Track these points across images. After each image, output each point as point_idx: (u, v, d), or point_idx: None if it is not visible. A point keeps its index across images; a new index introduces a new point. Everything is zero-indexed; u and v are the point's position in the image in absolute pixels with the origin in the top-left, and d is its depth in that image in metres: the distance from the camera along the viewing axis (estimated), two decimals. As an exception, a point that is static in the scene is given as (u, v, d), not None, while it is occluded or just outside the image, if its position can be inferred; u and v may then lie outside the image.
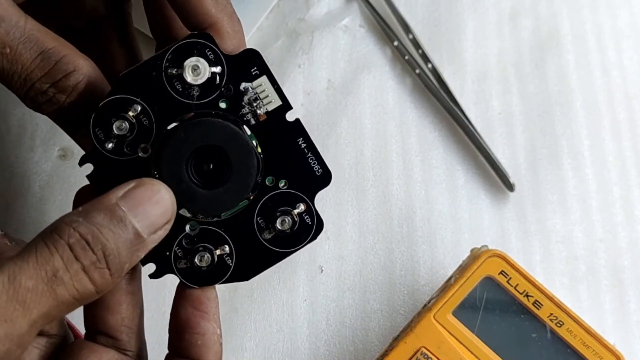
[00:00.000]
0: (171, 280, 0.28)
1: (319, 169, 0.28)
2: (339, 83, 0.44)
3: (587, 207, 0.42)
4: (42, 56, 0.27)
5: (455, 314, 0.35)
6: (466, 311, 0.35)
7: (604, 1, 0.47)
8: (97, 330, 0.27)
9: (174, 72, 0.27)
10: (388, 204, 0.42)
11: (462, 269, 0.36)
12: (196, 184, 0.26)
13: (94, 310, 0.27)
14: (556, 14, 0.47)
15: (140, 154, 0.27)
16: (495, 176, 0.42)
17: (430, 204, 0.42)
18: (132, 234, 0.23)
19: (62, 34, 0.29)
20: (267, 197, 0.28)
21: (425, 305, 0.37)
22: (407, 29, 0.45)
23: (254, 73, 0.27)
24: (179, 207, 0.26)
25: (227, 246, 0.28)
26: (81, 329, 0.29)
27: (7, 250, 0.27)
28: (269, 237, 0.28)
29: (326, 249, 0.41)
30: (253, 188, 0.27)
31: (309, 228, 0.28)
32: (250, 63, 0.27)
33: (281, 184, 0.28)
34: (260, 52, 0.27)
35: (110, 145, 0.27)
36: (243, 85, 0.27)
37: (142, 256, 0.24)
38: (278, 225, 0.28)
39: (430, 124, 0.44)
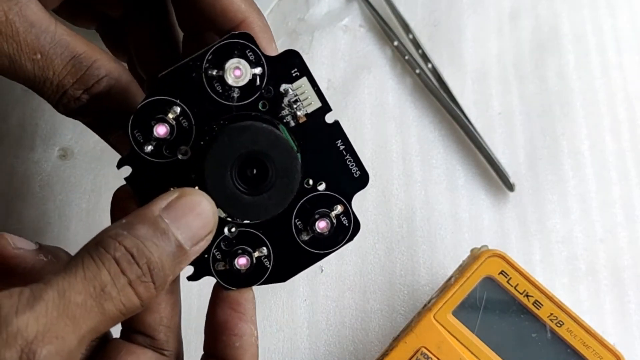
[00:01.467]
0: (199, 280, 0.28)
1: (357, 170, 0.28)
2: (339, 83, 0.44)
3: (587, 207, 0.42)
4: (73, 61, 0.27)
5: (455, 314, 0.35)
6: (466, 311, 0.35)
7: (604, 1, 0.47)
8: (134, 329, 0.27)
9: (214, 73, 0.26)
10: (388, 204, 0.42)
11: (462, 269, 0.36)
12: (240, 190, 0.26)
13: None
14: (556, 14, 0.47)
15: (179, 157, 0.26)
16: (495, 176, 0.42)
17: (430, 204, 0.42)
18: (175, 247, 0.23)
19: (99, 24, 0.28)
20: (305, 199, 0.28)
21: (425, 305, 0.37)
22: (407, 29, 0.45)
23: (294, 74, 0.27)
24: (223, 213, 0.26)
25: (265, 248, 0.28)
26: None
27: (45, 266, 0.26)
28: (307, 238, 0.28)
29: (326, 249, 0.41)
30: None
31: (346, 229, 0.28)
32: (291, 64, 0.27)
33: (320, 186, 0.28)
34: None
35: (149, 148, 0.26)
36: (283, 86, 0.27)
37: (184, 267, 0.24)
38: (316, 228, 0.28)
39: (430, 124, 0.44)
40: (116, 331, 0.27)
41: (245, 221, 0.27)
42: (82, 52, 0.27)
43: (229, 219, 0.27)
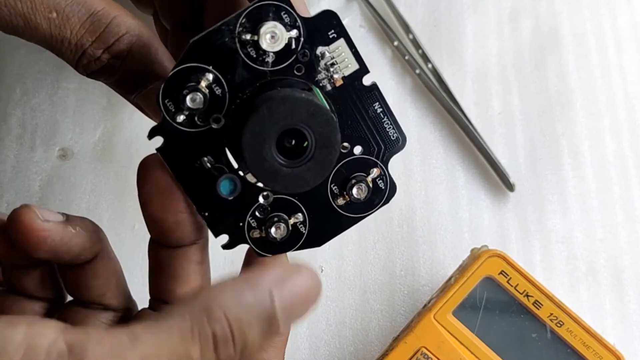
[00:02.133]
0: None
1: (394, 133, 0.27)
2: (339, 83, 0.44)
3: (587, 207, 0.42)
4: (91, 19, 0.25)
5: (455, 314, 0.35)
6: (466, 311, 0.35)
7: (604, 1, 0.47)
8: (163, 300, 0.26)
9: (247, 37, 0.25)
10: (388, 204, 0.42)
11: (462, 269, 0.36)
12: (279, 162, 0.25)
13: (161, 280, 0.26)
14: (556, 14, 0.47)
15: (213, 126, 0.25)
16: (495, 176, 0.42)
17: (430, 204, 0.42)
18: (273, 329, 0.21)
19: None
20: (341, 163, 0.27)
21: (425, 305, 0.37)
22: (407, 29, 0.45)
23: (331, 36, 0.26)
24: (263, 186, 0.25)
25: (300, 214, 0.27)
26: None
27: (73, 238, 0.25)
28: (342, 203, 0.27)
29: (326, 249, 0.41)
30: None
31: (382, 192, 0.28)
32: (328, 25, 0.25)
33: (356, 150, 0.27)
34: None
35: (181, 117, 0.25)
36: (320, 49, 0.26)
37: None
38: (354, 193, 0.27)
39: (430, 124, 0.44)
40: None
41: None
42: (101, 8, 0.26)
43: (262, 186, 0.26)
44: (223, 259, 0.39)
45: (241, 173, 0.26)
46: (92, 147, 0.42)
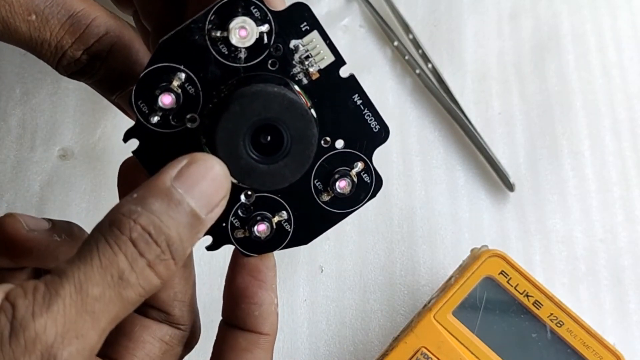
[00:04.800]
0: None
1: (376, 125, 0.27)
2: (339, 83, 0.44)
3: (587, 207, 0.42)
4: (71, 20, 0.25)
5: (455, 314, 0.35)
6: (466, 311, 0.35)
7: (604, 1, 0.47)
8: (148, 304, 0.26)
9: (218, 34, 0.24)
10: (388, 204, 0.42)
11: (462, 269, 0.36)
12: (255, 159, 0.24)
13: None
14: (556, 14, 0.47)
15: (188, 125, 0.25)
16: (495, 176, 0.42)
17: (430, 204, 0.42)
18: (191, 217, 0.21)
19: None
20: (323, 158, 0.26)
21: (425, 305, 0.37)
22: (407, 29, 0.45)
23: (304, 29, 0.25)
24: (239, 183, 0.25)
25: (284, 212, 0.27)
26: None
27: (59, 247, 0.25)
28: (327, 199, 0.27)
29: (326, 249, 0.41)
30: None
31: (368, 186, 0.27)
32: (300, 18, 0.25)
33: (338, 144, 0.27)
34: None
35: (155, 118, 0.25)
36: (293, 42, 0.25)
37: (202, 236, 0.23)
38: (337, 188, 0.26)
39: (430, 124, 0.44)
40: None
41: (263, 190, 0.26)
42: (80, 9, 0.25)
43: (244, 185, 0.26)
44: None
45: None
46: (92, 147, 0.42)
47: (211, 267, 0.39)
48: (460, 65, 0.45)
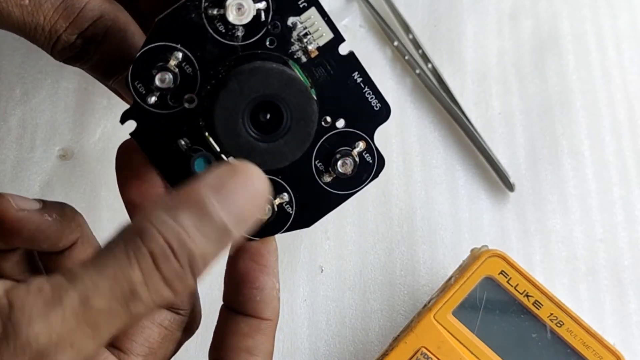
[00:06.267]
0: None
1: (377, 103, 0.26)
2: (339, 83, 0.44)
3: (587, 207, 0.42)
4: (64, 4, 0.25)
5: (455, 314, 0.35)
6: (466, 311, 0.35)
7: (604, 1, 0.47)
8: None
9: (214, 12, 0.24)
10: (388, 204, 0.42)
11: (462, 269, 0.36)
12: (254, 137, 0.24)
13: None
14: (556, 14, 0.47)
15: (186, 105, 0.25)
16: (495, 176, 0.42)
17: (430, 204, 0.42)
18: (220, 232, 0.20)
19: None
20: (324, 138, 0.26)
21: (425, 305, 0.37)
22: (407, 29, 0.45)
23: (301, 5, 0.25)
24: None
25: (285, 194, 0.26)
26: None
27: (50, 226, 0.25)
28: (329, 180, 0.26)
29: (326, 249, 0.41)
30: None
31: (370, 166, 0.27)
32: None
33: (338, 124, 0.26)
34: None
35: (152, 99, 0.24)
36: (291, 20, 0.25)
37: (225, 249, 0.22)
38: (339, 168, 0.26)
39: (430, 124, 0.44)
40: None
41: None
42: None
43: None
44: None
45: (224, 157, 0.25)
46: (92, 147, 0.42)
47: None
48: (460, 65, 0.45)
